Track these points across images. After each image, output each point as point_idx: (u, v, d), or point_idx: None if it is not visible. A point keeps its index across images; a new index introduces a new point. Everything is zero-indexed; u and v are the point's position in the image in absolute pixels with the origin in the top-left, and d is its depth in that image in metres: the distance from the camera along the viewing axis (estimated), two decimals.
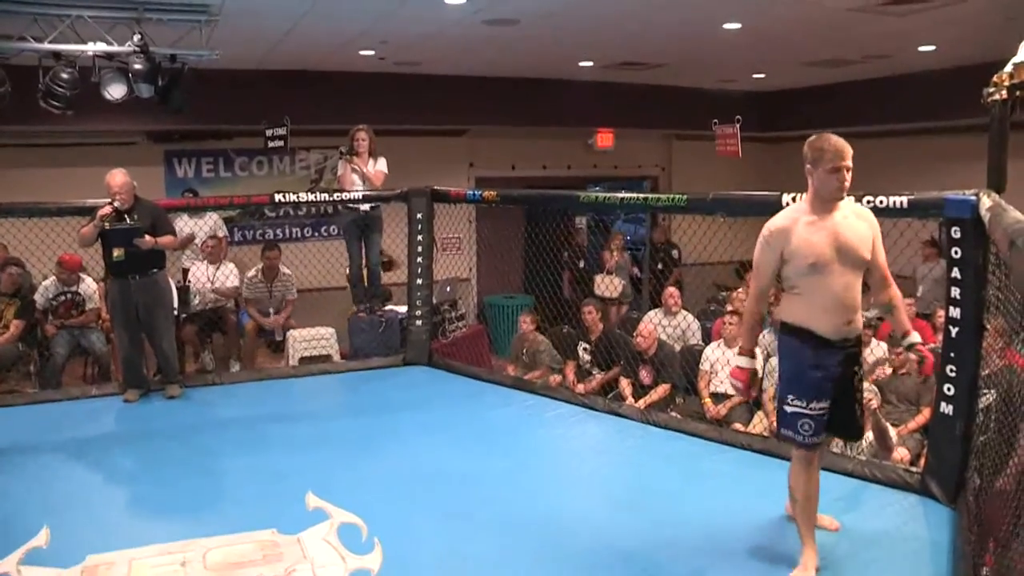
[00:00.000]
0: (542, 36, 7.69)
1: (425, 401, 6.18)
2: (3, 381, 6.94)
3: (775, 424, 3.76)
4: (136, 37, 6.51)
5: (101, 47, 6.56)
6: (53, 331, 7.05)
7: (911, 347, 3.50)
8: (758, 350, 6.49)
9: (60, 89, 6.50)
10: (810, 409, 3.31)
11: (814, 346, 3.31)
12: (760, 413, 6.15)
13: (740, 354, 3.57)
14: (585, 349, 7.23)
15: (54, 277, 7.17)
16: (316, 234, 10.92)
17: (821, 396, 3.31)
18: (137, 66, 6.55)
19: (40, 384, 6.96)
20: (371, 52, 8.43)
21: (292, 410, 6.11)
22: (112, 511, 4.26)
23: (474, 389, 6.51)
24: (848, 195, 3.32)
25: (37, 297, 7.10)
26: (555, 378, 7.15)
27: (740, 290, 7.36)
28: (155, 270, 6.09)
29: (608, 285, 9.53)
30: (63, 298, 7.14)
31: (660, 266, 10.71)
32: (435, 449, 5.04)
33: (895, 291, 3.51)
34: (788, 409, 3.36)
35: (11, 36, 6.54)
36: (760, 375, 4.07)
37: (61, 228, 6.81)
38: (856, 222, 3.32)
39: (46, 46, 6.48)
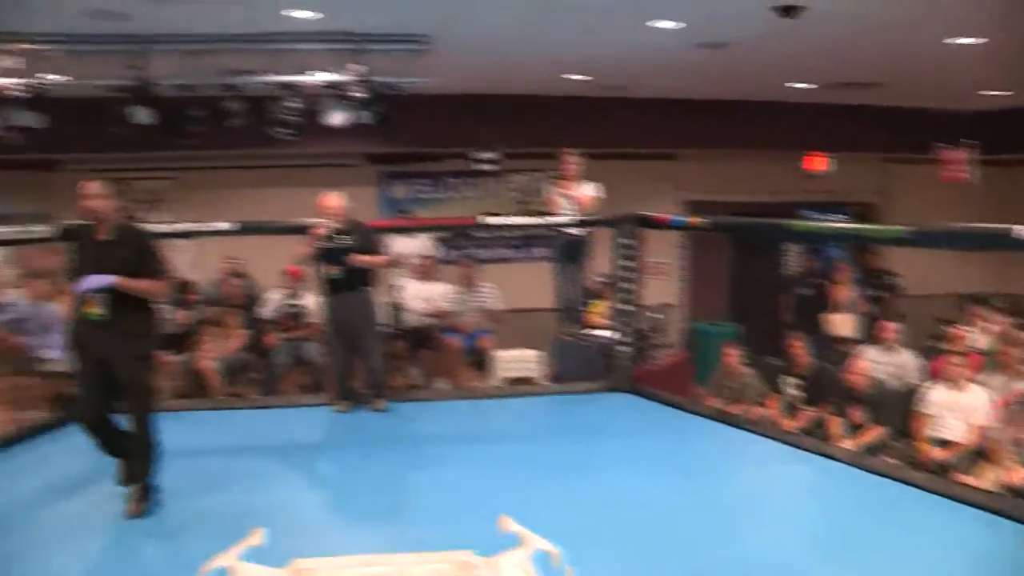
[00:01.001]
0: (752, 59, 7.47)
1: (626, 429, 6.07)
2: (232, 385, 7.45)
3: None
4: (358, 68, 6.84)
5: (326, 77, 6.95)
6: (275, 341, 7.50)
7: None
8: (984, 391, 6.01)
9: (289, 116, 6.93)
10: None
11: None
12: (989, 464, 5.60)
13: None
14: (791, 383, 6.90)
15: (280, 290, 7.63)
16: (524, 255, 11.07)
17: None
18: (358, 94, 6.88)
19: (262, 390, 7.42)
20: (579, 76, 8.48)
21: (493, 430, 6.17)
22: (318, 516, 4.47)
23: (676, 419, 6.33)
24: None
25: (263, 308, 7.59)
26: (758, 410, 6.87)
27: (965, 326, 6.82)
28: (365, 288, 6.34)
29: (841, 323, 8.62)
30: (286, 310, 7.58)
31: (872, 294, 9.94)
32: (633, 479, 4.91)
33: None
34: None
35: (249, 71, 7.06)
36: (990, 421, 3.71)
37: (287, 244, 7.24)
38: None
39: (278, 78, 6.94)
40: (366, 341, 6.39)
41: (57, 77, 7.32)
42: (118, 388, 4.31)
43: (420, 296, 7.99)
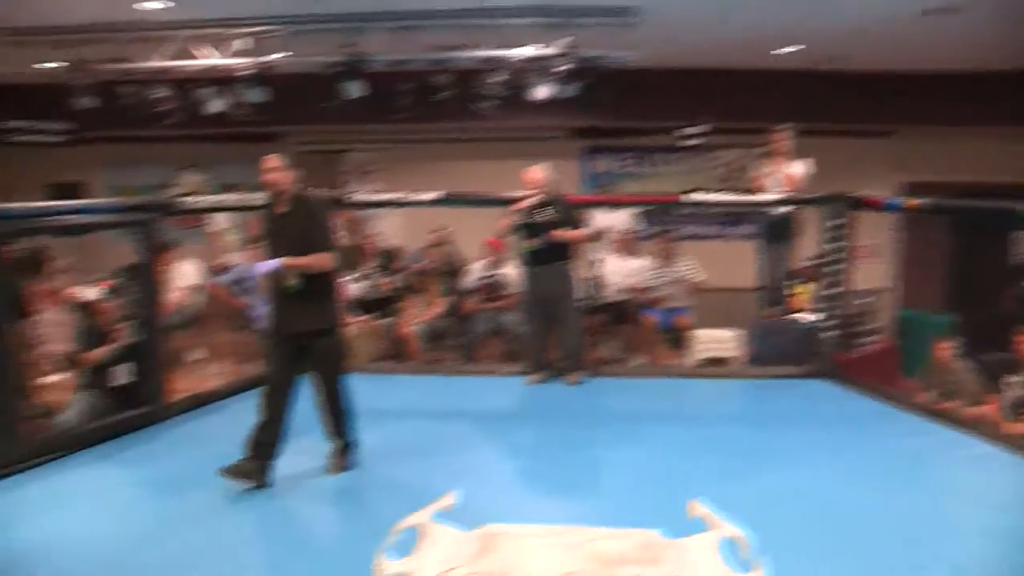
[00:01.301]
0: (988, 24, 6.87)
1: (825, 419, 5.79)
2: (432, 351, 7.71)
3: None
4: (564, 41, 6.85)
5: (531, 52, 7.00)
6: (474, 310, 7.70)
7: None
8: None
9: (493, 90, 7.04)
10: None
11: None
12: None
13: None
14: (1016, 382, 6.35)
15: (483, 261, 7.81)
16: (727, 233, 10.79)
17: None
18: (562, 68, 6.90)
19: (460, 357, 7.64)
20: (792, 48, 8.13)
21: (686, 410, 6.08)
22: (508, 484, 4.55)
23: (880, 412, 5.96)
24: None
25: (465, 278, 7.80)
26: (974, 410, 6.37)
27: None
28: (565, 261, 6.37)
29: None
30: (486, 281, 7.75)
31: None
32: (830, 473, 4.67)
33: None
34: None
35: (457, 46, 7.24)
36: None
37: (490, 216, 7.38)
38: None
39: (484, 53, 7.06)
40: (564, 314, 6.44)
41: (280, 55, 7.79)
42: (306, 357, 4.48)
43: (619, 271, 7.95)
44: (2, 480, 4.55)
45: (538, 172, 6.28)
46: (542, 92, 7.58)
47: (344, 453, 4.66)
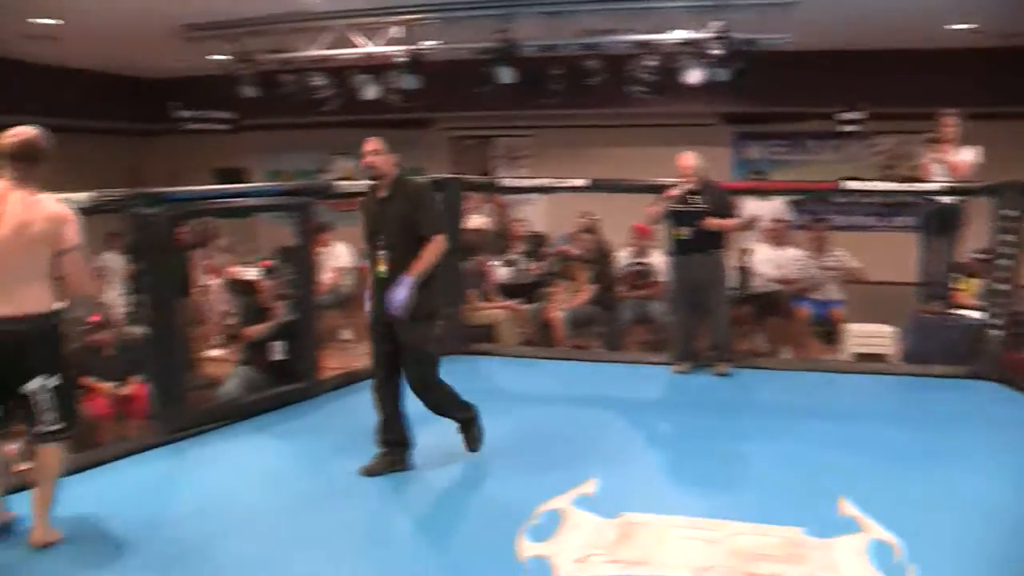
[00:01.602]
0: None
1: (988, 422, 5.42)
2: (576, 337, 7.73)
3: None
4: (717, 24, 6.71)
5: (684, 35, 6.89)
6: (621, 297, 7.65)
7: None
8: None
9: (644, 75, 6.97)
10: None
11: None
12: None
13: None
14: None
15: (629, 248, 7.76)
16: (884, 224, 10.34)
17: None
18: (715, 51, 6.76)
19: (605, 344, 7.62)
20: (963, 26, 7.66)
21: (836, 406, 5.86)
22: (649, 473, 4.53)
23: None
24: None
25: (612, 265, 7.77)
26: None
27: None
28: (715, 250, 6.25)
29: None
30: (633, 268, 7.69)
31: None
32: (991, 479, 4.35)
33: None
34: None
35: (608, 30, 7.20)
36: None
37: (638, 202, 7.33)
38: None
39: (636, 37, 6.99)
40: (713, 304, 6.33)
41: (432, 43, 7.95)
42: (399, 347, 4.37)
43: (770, 261, 7.73)
44: (170, 444, 4.86)
45: (691, 159, 6.18)
46: (694, 77, 7.45)
47: (466, 430, 4.62)
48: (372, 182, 4.42)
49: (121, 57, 9.96)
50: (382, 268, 4.31)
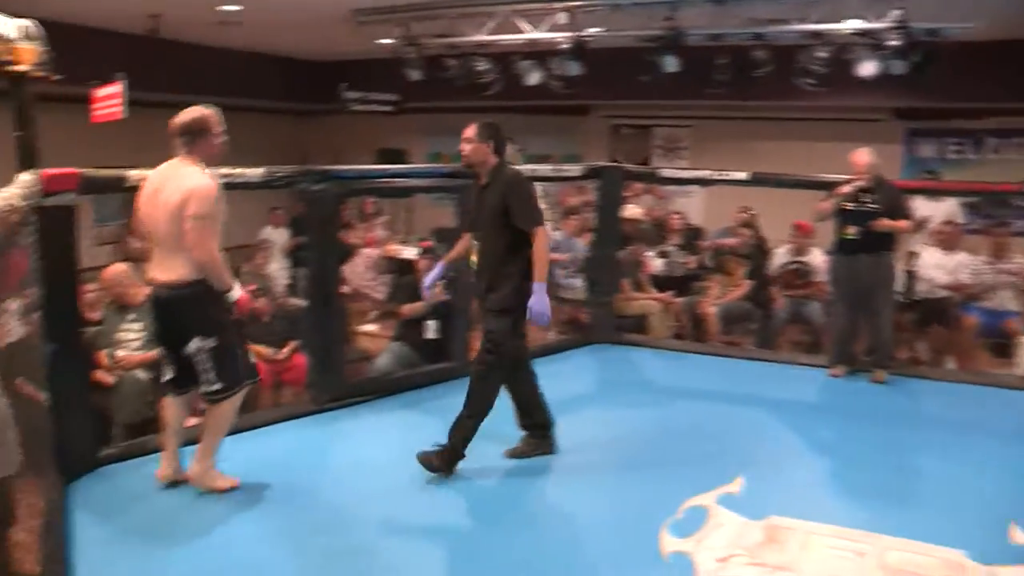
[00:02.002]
0: None
1: None
2: (728, 333, 7.57)
3: None
4: (896, 13, 6.40)
5: (859, 24, 6.60)
6: (777, 296, 7.44)
7: None
8: None
9: (816, 67, 6.73)
10: None
11: None
12: None
13: None
14: None
15: (788, 245, 7.52)
16: None
17: None
18: (892, 42, 6.45)
19: (757, 342, 7.44)
20: None
21: (1008, 424, 5.48)
22: (799, 478, 4.37)
23: None
24: None
25: (769, 261, 7.56)
26: None
27: None
28: (885, 251, 5.98)
29: None
30: (792, 266, 7.45)
31: None
32: None
33: None
34: None
35: (779, 19, 6.98)
36: None
37: (799, 198, 7.11)
38: None
39: (807, 26, 6.75)
40: (877, 307, 6.05)
41: (596, 30, 7.90)
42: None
43: (939, 266, 7.33)
44: (323, 413, 5.09)
45: (865, 155, 5.92)
46: (867, 69, 7.12)
47: (445, 449, 4.21)
48: (469, 170, 4.34)
49: (294, 41, 10.39)
50: (474, 258, 4.31)
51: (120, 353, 5.03)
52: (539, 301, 4.04)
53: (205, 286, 3.67)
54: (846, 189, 5.87)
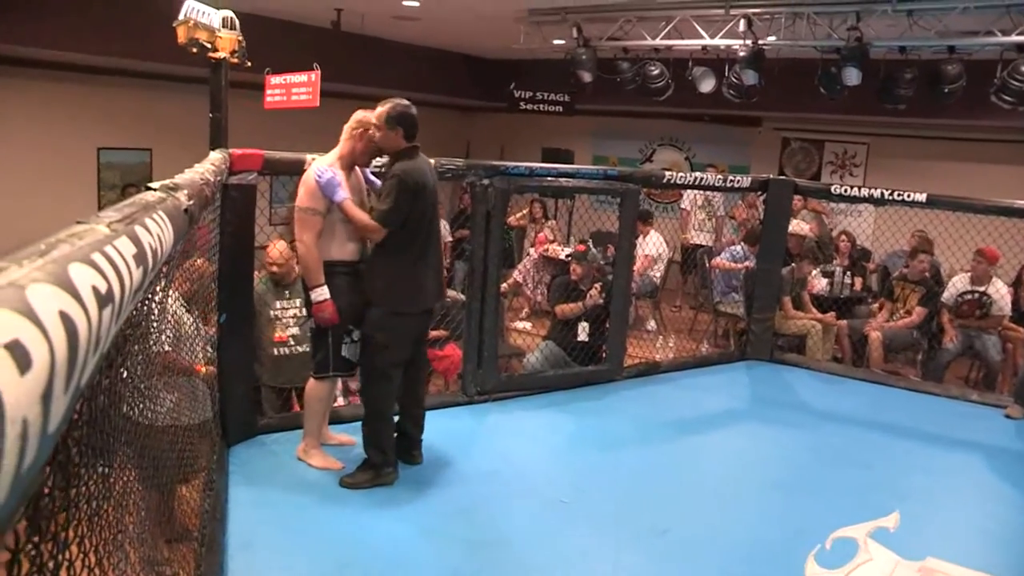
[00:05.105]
0: None
1: None
2: (891, 361, 7.18)
3: None
4: None
5: None
6: (950, 326, 6.98)
7: None
8: None
9: (1015, 83, 6.28)
10: None
11: None
12: None
13: None
14: None
15: (967, 274, 7.04)
16: None
17: None
18: None
19: (923, 374, 7.02)
20: None
21: None
22: (961, 520, 4.09)
23: None
24: None
25: (945, 290, 7.11)
26: None
27: None
28: None
29: None
30: (970, 296, 6.97)
31: None
32: None
33: None
34: None
35: (975, 31, 6.56)
36: None
37: (984, 224, 6.70)
38: None
39: (1010, 39, 6.32)
40: None
41: (773, 39, 7.64)
42: None
43: None
44: (478, 404, 5.19)
45: None
46: None
47: (363, 466, 4.00)
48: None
49: (468, 37, 10.56)
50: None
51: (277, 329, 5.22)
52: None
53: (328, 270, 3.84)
54: None
